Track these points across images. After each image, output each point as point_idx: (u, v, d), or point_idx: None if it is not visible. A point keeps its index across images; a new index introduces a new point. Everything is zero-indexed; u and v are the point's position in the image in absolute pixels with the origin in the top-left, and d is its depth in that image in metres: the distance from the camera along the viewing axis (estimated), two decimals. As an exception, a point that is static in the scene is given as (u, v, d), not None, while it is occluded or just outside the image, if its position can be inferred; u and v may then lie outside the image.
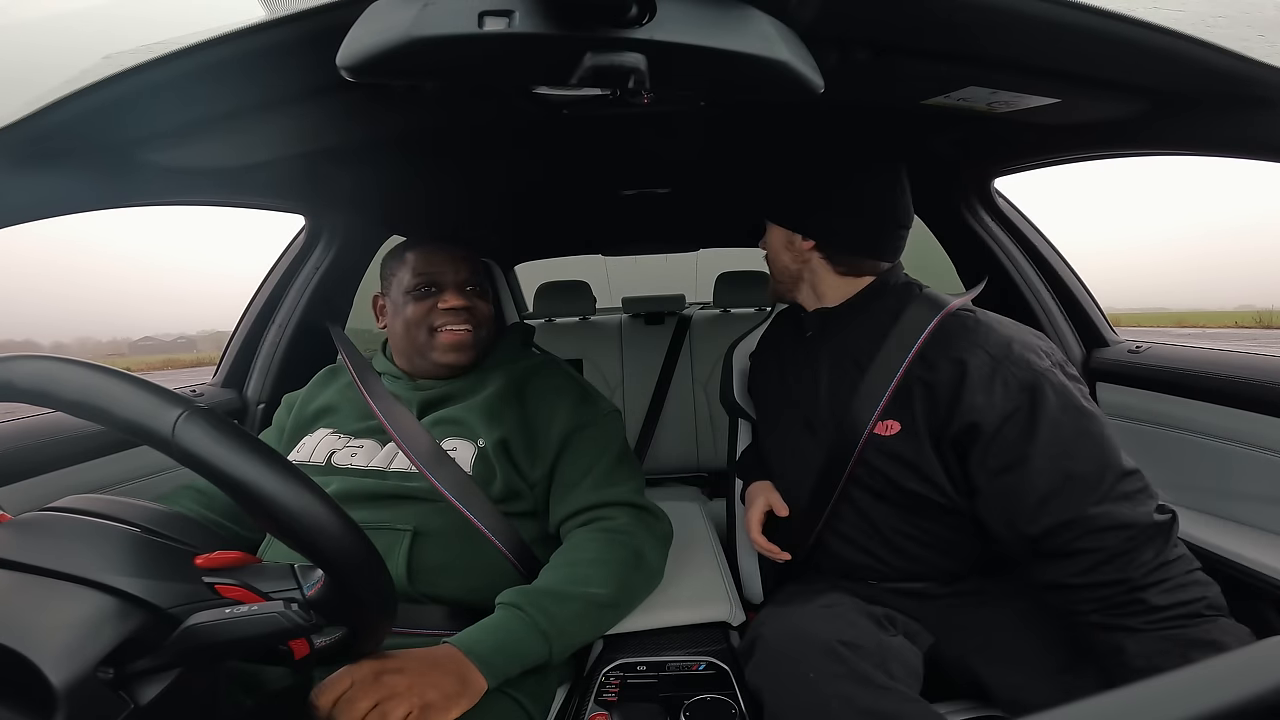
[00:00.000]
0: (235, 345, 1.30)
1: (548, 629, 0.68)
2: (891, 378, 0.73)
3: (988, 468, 0.68)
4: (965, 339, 0.71)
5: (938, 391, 0.70)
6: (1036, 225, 1.25)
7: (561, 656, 0.70)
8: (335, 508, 0.45)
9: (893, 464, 0.75)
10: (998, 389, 0.67)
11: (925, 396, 0.71)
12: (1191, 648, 0.58)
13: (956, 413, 0.68)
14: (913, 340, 0.73)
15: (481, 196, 1.33)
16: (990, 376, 0.68)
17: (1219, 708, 0.22)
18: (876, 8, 0.49)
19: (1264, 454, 0.89)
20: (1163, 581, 0.60)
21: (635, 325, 2.08)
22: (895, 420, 0.74)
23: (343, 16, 0.42)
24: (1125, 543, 0.61)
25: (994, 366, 0.68)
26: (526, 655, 0.66)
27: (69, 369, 0.44)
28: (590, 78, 0.41)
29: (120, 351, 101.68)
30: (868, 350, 0.78)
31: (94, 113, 0.52)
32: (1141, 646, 0.59)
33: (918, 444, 0.72)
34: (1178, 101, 0.64)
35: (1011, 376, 0.67)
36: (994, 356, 0.68)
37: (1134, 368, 1.08)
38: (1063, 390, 0.66)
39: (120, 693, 0.42)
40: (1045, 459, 0.64)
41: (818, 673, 0.65)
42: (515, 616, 0.68)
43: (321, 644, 0.52)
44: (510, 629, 0.67)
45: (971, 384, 0.68)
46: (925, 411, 0.71)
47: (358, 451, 0.85)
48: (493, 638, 0.66)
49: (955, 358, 0.70)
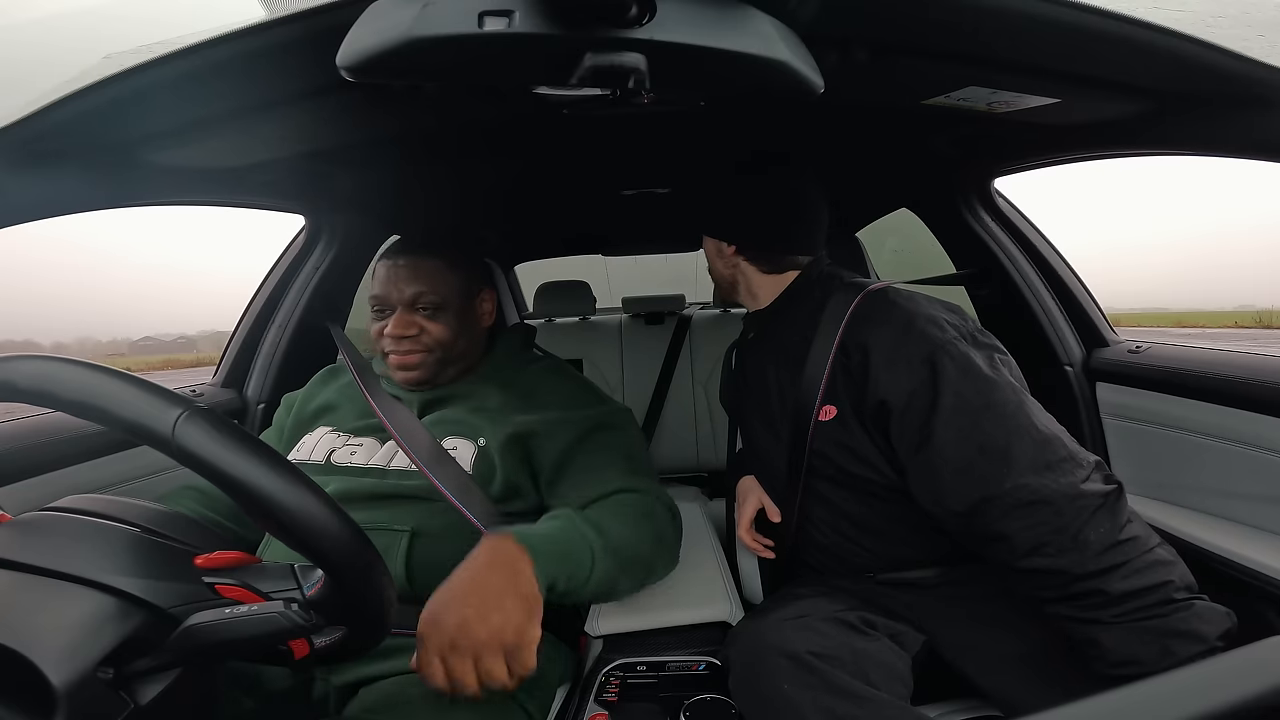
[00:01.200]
0: (235, 345, 1.30)
1: (596, 548, 0.69)
2: (824, 366, 0.75)
3: (905, 445, 0.67)
4: (875, 319, 0.72)
5: (853, 373, 0.72)
6: (1036, 225, 1.25)
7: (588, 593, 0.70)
8: (335, 508, 0.45)
9: (836, 449, 0.76)
10: (900, 365, 0.67)
11: (846, 380, 0.73)
12: (1169, 639, 0.56)
13: (868, 392, 0.69)
14: (837, 326, 0.75)
15: (482, 196, 1.33)
16: (893, 352, 0.68)
17: (1219, 708, 0.22)
18: (876, 8, 0.49)
19: (1264, 454, 0.89)
20: (1118, 566, 0.57)
21: (635, 325, 2.08)
22: (831, 405, 0.75)
23: (343, 16, 0.42)
24: (1056, 518, 0.58)
25: (896, 342, 0.68)
26: (575, 566, 0.67)
27: (69, 369, 0.44)
28: (590, 78, 0.41)
29: (120, 351, 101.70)
30: (801, 343, 0.80)
31: (94, 113, 0.52)
32: (1116, 640, 0.57)
33: (850, 427, 0.73)
34: (1178, 101, 0.64)
35: (913, 352, 0.67)
36: (895, 334, 0.69)
37: (1134, 368, 1.08)
38: (963, 360, 0.65)
39: (120, 693, 0.42)
40: (952, 431, 0.63)
41: (791, 685, 0.64)
42: (570, 522, 0.69)
43: (321, 644, 0.52)
44: (565, 534, 0.68)
45: (876, 362, 0.68)
46: (849, 394, 0.73)
47: (357, 450, 0.85)
48: (545, 532, 0.67)
49: (862, 340, 0.71)
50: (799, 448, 0.80)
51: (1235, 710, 0.22)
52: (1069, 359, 1.18)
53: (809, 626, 0.72)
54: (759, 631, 0.73)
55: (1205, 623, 0.57)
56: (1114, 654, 0.57)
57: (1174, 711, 0.22)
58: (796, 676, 0.65)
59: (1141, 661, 0.56)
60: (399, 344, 0.86)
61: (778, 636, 0.70)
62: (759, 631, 0.73)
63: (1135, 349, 1.11)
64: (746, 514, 0.92)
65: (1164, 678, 0.24)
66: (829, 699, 0.62)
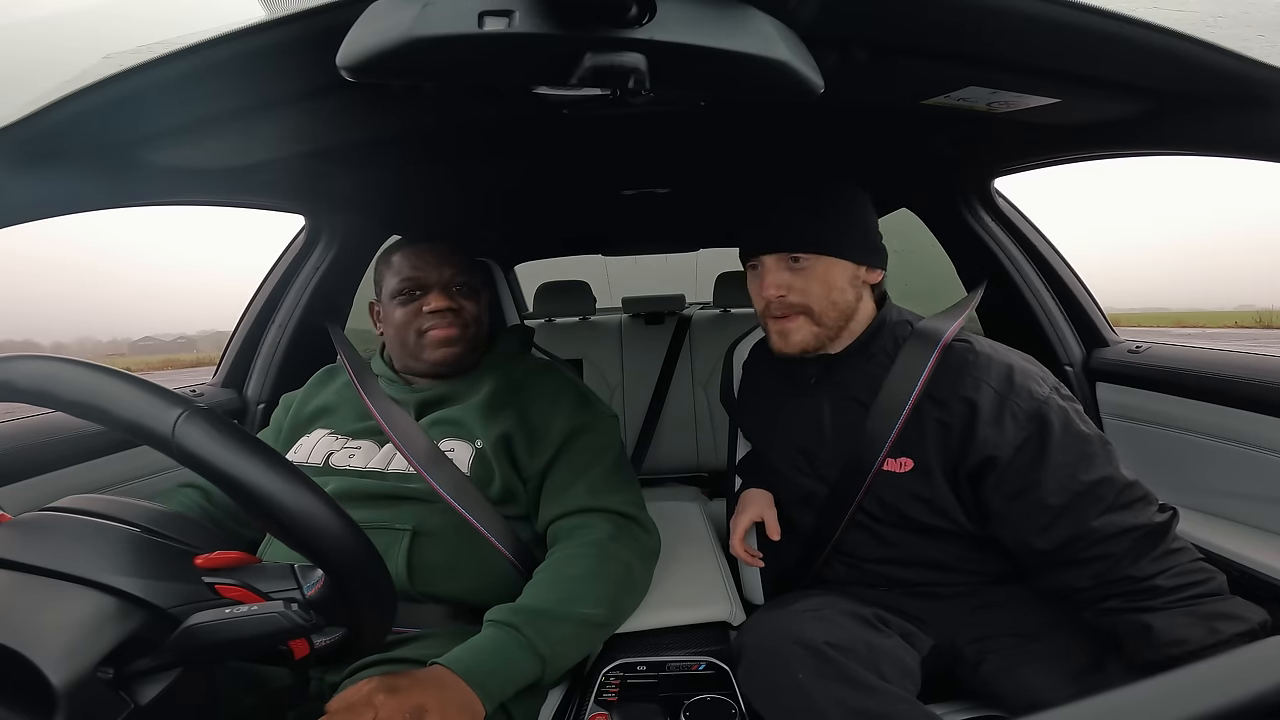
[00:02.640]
0: (235, 345, 1.30)
1: (544, 651, 0.67)
2: (897, 416, 0.74)
3: (1002, 493, 0.71)
4: (969, 375, 0.73)
5: (952, 429, 0.72)
6: (1036, 225, 1.25)
7: (553, 678, 0.69)
8: (335, 507, 0.45)
9: (906, 499, 0.76)
10: (1008, 422, 0.70)
11: (939, 434, 0.73)
12: (1215, 620, 0.60)
13: (971, 448, 0.71)
14: (915, 378, 0.75)
15: (482, 196, 1.33)
16: (999, 410, 0.70)
17: (1219, 708, 0.22)
18: (876, 8, 0.49)
19: (1264, 454, 0.89)
20: (1169, 569, 0.63)
21: (635, 325, 2.08)
22: (908, 458, 0.75)
23: (343, 16, 0.42)
24: (1130, 545, 0.65)
25: (1001, 401, 0.71)
26: (522, 678, 0.65)
27: (69, 369, 0.44)
28: (590, 78, 0.41)
29: (120, 351, 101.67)
30: (868, 388, 0.79)
31: (94, 113, 0.52)
32: (1166, 621, 0.61)
33: (931, 480, 0.74)
34: (1178, 101, 0.64)
35: (1019, 408, 0.70)
36: (999, 391, 0.71)
37: (1134, 368, 1.08)
38: (1064, 415, 0.70)
39: (120, 693, 0.42)
40: (1055, 481, 0.67)
41: (806, 674, 0.65)
42: (511, 638, 0.66)
43: (321, 644, 0.52)
44: (507, 652, 0.65)
45: (983, 420, 0.70)
46: (939, 448, 0.73)
47: (355, 452, 0.85)
48: (489, 660, 0.64)
49: (964, 396, 0.72)
50: (849, 490, 0.78)
51: (1235, 710, 0.22)
52: (1069, 359, 1.18)
53: (826, 619, 0.73)
54: (777, 621, 0.73)
55: (1246, 609, 0.61)
56: (1164, 635, 0.61)
57: (1174, 711, 0.22)
58: (812, 666, 0.65)
59: (1188, 641, 0.59)
60: (441, 318, 0.87)
61: (796, 626, 0.70)
62: (777, 621, 0.73)
63: (1135, 349, 1.11)
64: (742, 525, 0.91)
65: (1164, 678, 0.24)
66: (842, 689, 0.63)
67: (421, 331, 0.88)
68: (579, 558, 0.77)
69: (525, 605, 0.71)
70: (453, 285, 0.89)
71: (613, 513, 0.83)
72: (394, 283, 0.89)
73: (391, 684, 0.57)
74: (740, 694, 0.71)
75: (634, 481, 0.90)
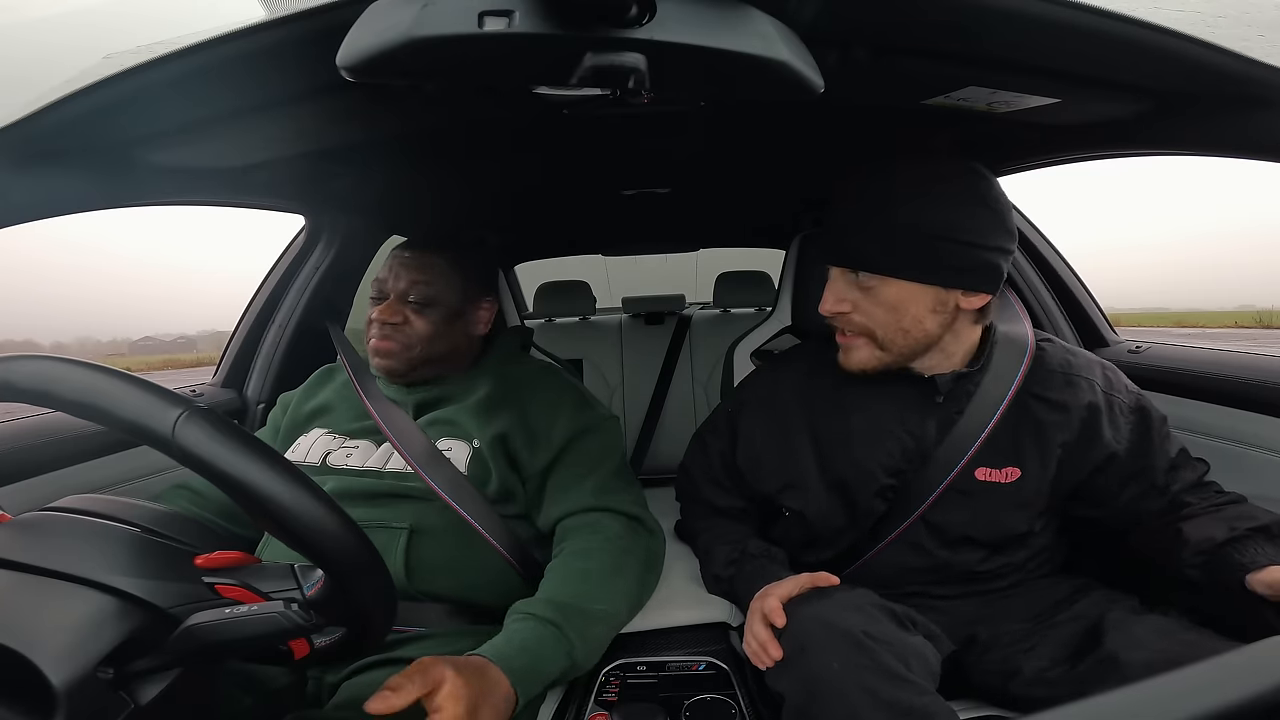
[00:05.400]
0: (235, 345, 1.30)
1: (577, 652, 0.66)
2: (988, 423, 0.73)
3: (1116, 481, 0.76)
4: (1066, 375, 0.76)
5: (1069, 431, 0.74)
6: (1036, 225, 1.25)
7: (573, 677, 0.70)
8: (335, 507, 0.45)
9: (1008, 509, 0.74)
10: (1119, 418, 0.75)
11: (1051, 437, 0.74)
12: (1234, 520, 0.68)
13: (1096, 447, 0.74)
14: (1008, 384, 0.74)
15: (481, 196, 1.33)
16: (1110, 409, 0.75)
17: (1219, 708, 0.22)
18: (876, 8, 0.49)
19: (1264, 454, 0.89)
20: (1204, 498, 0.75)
21: (635, 325, 2.08)
22: (1014, 467, 0.74)
23: (343, 16, 0.42)
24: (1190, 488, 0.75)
25: (1108, 399, 0.75)
26: (551, 676, 0.65)
27: (69, 369, 0.44)
28: (590, 78, 0.41)
29: (120, 351, 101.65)
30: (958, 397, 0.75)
31: (94, 113, 0.52)
32: (1195, 528, 0.69)
33: (1039, 485, 0.74)
34: (1178, 101, 0.64)
35: (1121, 404, 0.76)
36: (1101, 389, 0.76)
37: (1134, 368, 1.08)
38: (1146, 399, 0.78)
39: (120, 693, 0.42)
40: (1161, 460, 0.75)
41: (842, 663, 0.63)
42: (554, 636, 0.66)
43: (321, 644, 0.52)
44: (548, 652, 0.65)
45: (1101, 420, 0.74)
46: (1055, 452, 0.74)
47: (353, 452, 0.85)
48: (535, 661, 0.63)
49: (1076, 399, 0.74)
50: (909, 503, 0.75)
51: (1235, 710, 0.22)
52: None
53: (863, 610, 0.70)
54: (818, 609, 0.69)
55: (1260, 512, 0.70)
56: (1194, 535, 0.68)
57: (1174, 711, 0.22)
58: (848, 656, 0.63)
59: (1215, 538, 0.67)
60: (381, 329, 0.87)
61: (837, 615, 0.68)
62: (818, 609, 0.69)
63: (1135, 349, 1.11)
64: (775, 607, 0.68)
65: (1164, 678, 0.24)
66: (875, 680, 0.61)
67: (370, 336, 0.89)
68: (596, 552, 0.77)
69: (559, 600, 0.70)
70: (409, 296, 0.87)
71: (621, 513, 0.83)
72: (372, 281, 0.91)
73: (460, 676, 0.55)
74: (744, 687, 0.71)
75: (637, 484, 0.91)
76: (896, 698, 0.60)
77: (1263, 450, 0.89)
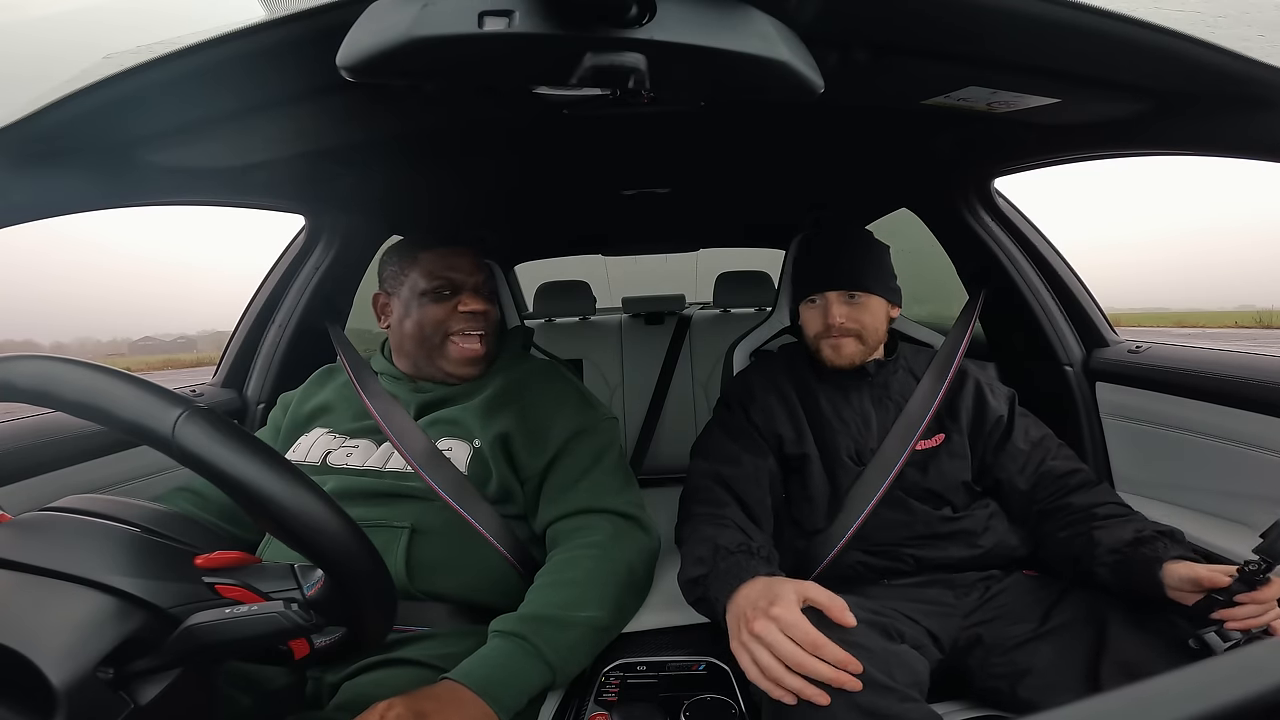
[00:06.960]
0: (235, 345, 1.30)
1: (552, 658, 0.67)
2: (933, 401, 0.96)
3: (992, 448, 0.96)
4: (967, 372, 1.02)
5: (973, 405, 0.99)
6: (1036, 225, 1.25)
7: (564, 683, 0.70)
8: (335, 507, 0.45)
9: (941, 464, 0.94)
10: (1000, 396, 1.01)
11: (962, 411, 0.99)
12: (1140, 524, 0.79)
13: (987, 413, 0.98)
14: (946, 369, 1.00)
15: (482, 196, 1.33)
16: (992, 391, 1.01)
17: (1219, 708, 0.22)
18: (876, 8, 0.49)
19: (1264, 454, 0.89)
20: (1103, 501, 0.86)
21: (635, 325, 2.08)
22: (940, 433, 0.97)
23: (343, 16, 0.42)
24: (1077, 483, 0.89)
25: (990, 386, 1.02)
26: (533, 686, 0.65)
27: (69, 369, 0.44)
28: (590, 78, 0.41)
29: (120, 351, 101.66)
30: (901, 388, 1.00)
31: (94, 113, 0.52)
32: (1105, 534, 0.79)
33: (961, 442, 0.96)
34: (1178, 101, 0.64)
35: (998, 389, 1.02)
36: (983, 381, 1.02)
37: (1134, 368, 1.08)
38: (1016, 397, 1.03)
39: (120, 693, 0.42)
40: (1020, 430, 0.96)
41: None
42: (519, 648, 0.66)
43: (321, 644, 0.52)
44: (517, 662, 0.65)
45: (987, 397, 0.99)
46: (968, 420, 0.98)
47: (353, 451, 0.85)
48: (500, 672, 0.64)
49: (973, 386, 1.01)
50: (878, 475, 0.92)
51: (1235, 710, 0.22)
52: (1069, 359, 1.18)
53: None
54: None
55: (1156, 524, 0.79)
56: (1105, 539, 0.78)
57: (1174, 711, 0.22)
58: None
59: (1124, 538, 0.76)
60: (474, 320, 0.88)
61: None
62: None
63: (1135, 349, 1.11)
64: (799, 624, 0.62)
65: (1164, 678, 0.24)
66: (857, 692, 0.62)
67: (449, 334, 0.88)
68: (580, 560, 0.77)
69: (530, 613, 0.70)
70: (481, 289, 0.91)
71: (613, 513, 0.83)
72: (423, 281, 0.89)
73: (412, 705, 0.56)
74: (744, 688, 0.71)
75: (634, 482, 0.90)
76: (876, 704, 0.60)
77: (1263, 450, 0.89)
